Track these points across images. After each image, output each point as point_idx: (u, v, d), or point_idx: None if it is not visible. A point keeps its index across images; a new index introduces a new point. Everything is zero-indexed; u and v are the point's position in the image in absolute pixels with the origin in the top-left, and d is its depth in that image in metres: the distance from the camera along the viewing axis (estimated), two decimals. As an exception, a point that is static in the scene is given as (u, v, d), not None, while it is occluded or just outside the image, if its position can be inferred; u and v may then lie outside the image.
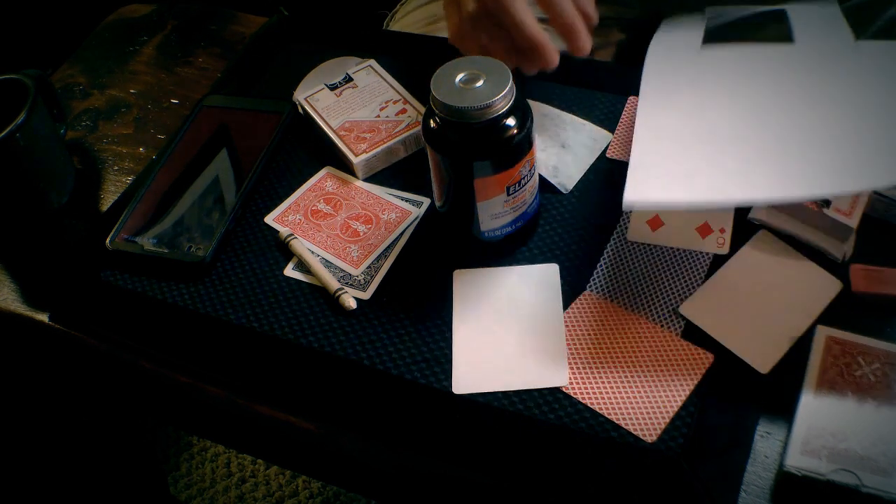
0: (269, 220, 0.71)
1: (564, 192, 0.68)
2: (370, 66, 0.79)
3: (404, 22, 0.99)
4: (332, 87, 0.77)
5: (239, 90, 0.82)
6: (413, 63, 0.79)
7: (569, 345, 0.60)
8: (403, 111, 0.74)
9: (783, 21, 0.71)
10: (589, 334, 0.60)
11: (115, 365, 0.68)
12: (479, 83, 0.57)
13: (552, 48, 0.63)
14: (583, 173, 0.69)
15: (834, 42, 0.67)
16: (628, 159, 0.61)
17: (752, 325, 0.59)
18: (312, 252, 0.68)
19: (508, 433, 0.56)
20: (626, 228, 0.65)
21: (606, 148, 0.71)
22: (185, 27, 0.93)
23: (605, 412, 0.56)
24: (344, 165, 0.74)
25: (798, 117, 0.62)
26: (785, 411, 0.54)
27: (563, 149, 0.70)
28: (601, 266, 0.64)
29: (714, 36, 0.73)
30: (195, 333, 0.65)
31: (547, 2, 0.64)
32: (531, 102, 0.72)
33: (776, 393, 0.56)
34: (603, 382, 0.58)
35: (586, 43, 0.64)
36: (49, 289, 0.71)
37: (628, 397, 0.57)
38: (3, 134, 0.69)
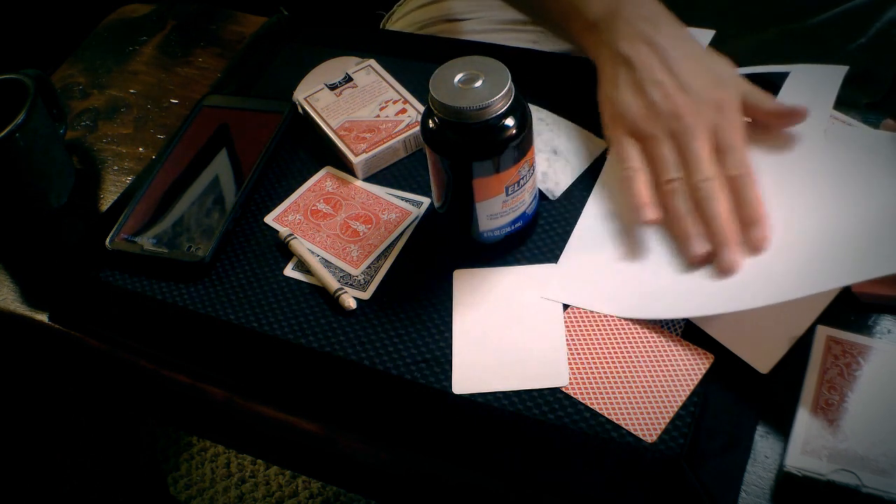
0: (269, 220, 0.71)
1: (552, 199, 0.68)
2: (370, 65, 0.79)
3: (401, 23, 0.99)
4: (332, 87, 0.77)
5: (239, 90, 0.82)
6: (413, 63, 0.79)
7: (569, 345, 0.60)
8: (403, 111, 0.74)
9: (778, 85, 0.70)
10: (589, 334, 0.60)
11: (115, 365, 0.68)
12: (478, 83, 0.57)
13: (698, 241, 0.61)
14: (573, 180, 0.69)
15: (807, 127, 0.66)
16: None
17: (752, 325, 0.58)
18: (312, 252, 0.68)
19: (508, 433, 0.56)
20: (626, 228, 0.65)
21: (601, 155, 0.70)
22: (184, 27, 0.93)
23: (605, 412, 0.56)
24: (344, 165, 0.74)
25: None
26: (785, 411, 0.54)
27: (554, 154, 0.70)
28: (601, 266, 0.64)
29: None
30: (195, 333, 0.65)
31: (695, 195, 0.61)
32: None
33: (776, 393, 0.56)
34: (603, 382, 0.58)
35: (735, 260, 0.59)
36: (48, 289, 0.71)
37: (628, 397, 0.56)
38: (2, 134, 0.69)
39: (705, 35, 0.71)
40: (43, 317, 0.69)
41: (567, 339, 0.60)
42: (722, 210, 0.60)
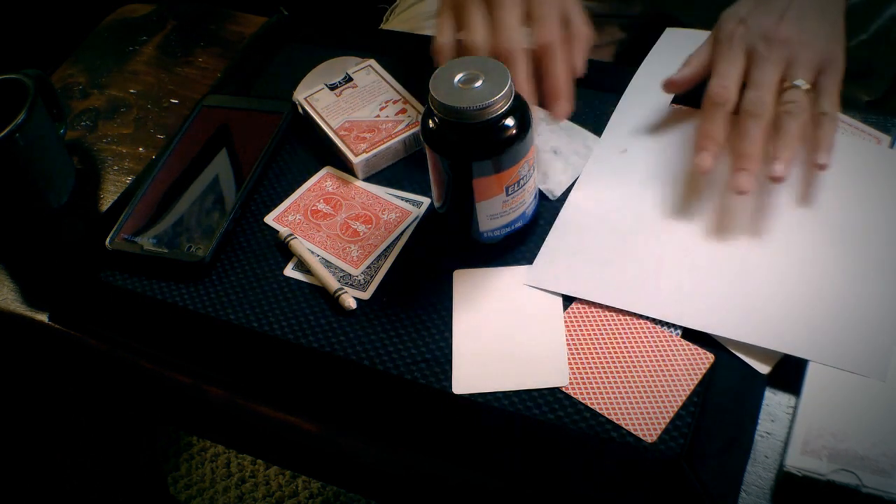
0: (269, 220, 0.71)
1: (552, 199, 0.68)
2: (370, 65, 0.79)
3: (405, 16, 0.98)
4: (332, 87, 0.77)
5: (239, 90, 0.82)
6: (413, 63, 0.79)
7: (569, 345, 0.60)
8: (403, 111, 0.74)
9: None
10: (589, 334, 0.60)
11: (115, 365, 0.68)
12: (478, 83, 0.57)
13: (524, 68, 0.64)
14: (573, 179, 0.69)
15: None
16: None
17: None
18: (312, 252, 0.68)
19: (508, 433, 0.56)
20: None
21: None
22: (184, 27, 0.93)
23: (605, 412, 0.56)
24: (344, 165, 0.74)
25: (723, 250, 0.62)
26: (785, 411, 0.54)
27: (554, 155, 0.70)
28: (601, 266, 0.64)
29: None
30: (195, 333, 0.65)
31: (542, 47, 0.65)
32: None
33: (776, 393, 0.56)
34: (603, 382, 0.58)
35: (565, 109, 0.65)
36: (48, 289, 0.71)
37: (628, 397, 0.56)
38: (2, 134, 0.69)
39: (704, 37, 0.71)
40: (43, 317, 0.69)
41: (567, 339, 0.60)
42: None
